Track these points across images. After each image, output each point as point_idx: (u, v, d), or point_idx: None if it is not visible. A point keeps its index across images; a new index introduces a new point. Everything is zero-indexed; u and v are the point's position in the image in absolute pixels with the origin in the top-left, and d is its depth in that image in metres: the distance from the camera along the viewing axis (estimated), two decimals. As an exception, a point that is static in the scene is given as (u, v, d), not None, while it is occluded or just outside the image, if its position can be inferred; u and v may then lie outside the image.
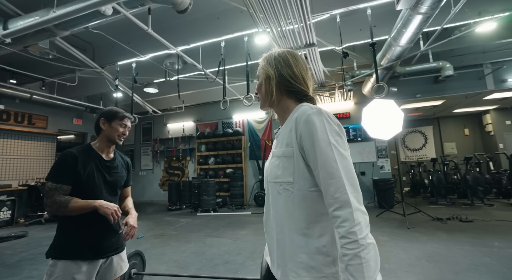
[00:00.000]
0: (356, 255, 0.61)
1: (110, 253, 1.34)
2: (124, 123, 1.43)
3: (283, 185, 0.77)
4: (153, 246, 3.86)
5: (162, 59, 5.05)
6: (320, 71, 4.74)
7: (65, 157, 1.27)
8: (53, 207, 1.18)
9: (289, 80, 0.84)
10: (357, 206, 0.64)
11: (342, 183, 0.65)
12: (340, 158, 0.68)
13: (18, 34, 3.02)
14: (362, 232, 0.62)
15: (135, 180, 9.12)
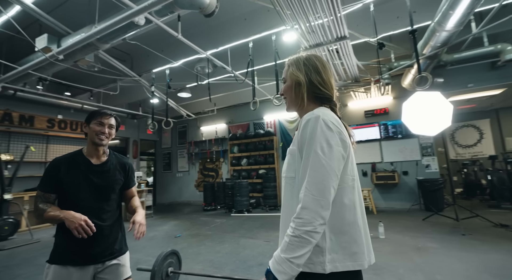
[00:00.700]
0: (288, 236, 0.74)
1: (103, 258, 1.30)
2: (100, 121, 1.34)
3: (286, 179, 0.89)
4: (189, 245, 3.99)
5: (193, 64, 5.22)
6: (353, 66, 4.47)
7: (50, 165, 1.29)
8: (36, 214, 1.23)
9: (318, 86, 0.90)
10: (309, 204, 0.73)
11: (305, 186, 0.75)
12: (316, 166, 0.76)
13: (68, 51, 3.35)
14: (301, 225, 0.72)
15: (173, 182, 9.59)
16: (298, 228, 0.71)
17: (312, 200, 0.73)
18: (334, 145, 0.77)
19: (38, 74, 4.24)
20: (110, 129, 1.37)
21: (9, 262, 3.62)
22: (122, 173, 1.45)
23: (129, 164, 1.52)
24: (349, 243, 0.79)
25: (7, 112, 5.85)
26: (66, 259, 1.22)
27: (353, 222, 0.81)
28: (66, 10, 3.78)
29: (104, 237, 1.31)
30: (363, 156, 6.57)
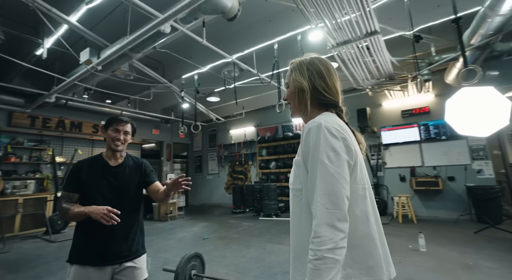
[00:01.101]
0: (310, 262, 0.67)
1: (120, 260, 1.32)
2: (115, 128, 1.40)
3: (293, 191, 0.84)
4: (216, 248, 4.02)
5: (220, 69, 5.32)
6: (386, 62, 4.14)
7: (72, 167, 1.40)
8: (60, 214, 1.28)
9: (323, 92, 0.85)
10: (325, 220, 0.67)
11: (317, 200, 0.70)
12: (326, 176, 0.71)
13: (106, 61, 3.65)
14: (321, 245, 0.65)
15: (204, 184, 9.88)
16: (319, 248, 0.65)
17: (327, 214, 0.68)
18: (341, 152, 0.73)
19: (83, 84, 4.68)
20: (126, 136, 1.42)
21: (59, 254, 4.01)
22: (138, 172, 1.49)
23: (144, 162, 1.56)
24: (364, 256, 0.74)
25: (61, 120, 6.58)
26: (85, 259, 1.27)
27: (367, 234, 0.76)
28: (105, 25, 4.11)
29: (121, 237, 1.34)
30: (400, 160, 6.06)
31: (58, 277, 3.06)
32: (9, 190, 5.46)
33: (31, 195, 5.63)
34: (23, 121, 5.98)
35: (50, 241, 4.78)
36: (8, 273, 3.28)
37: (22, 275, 3.17)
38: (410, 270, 2.85)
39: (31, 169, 6.01)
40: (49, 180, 5.98)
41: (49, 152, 5.95)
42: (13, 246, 4.55)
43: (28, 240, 4.97)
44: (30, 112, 5.91)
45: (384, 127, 6.26)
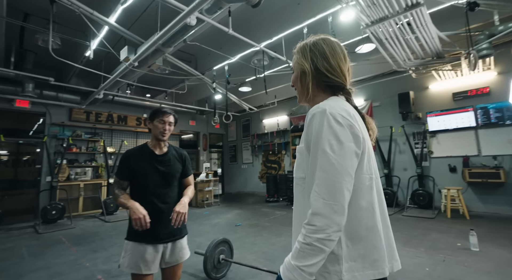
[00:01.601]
0: (298, 242, 0.66)
1: (168, 239, 1.48)
2: (162, 119, 1.52)
3: (296, 180, 0.82)
4: (247, 235, 4.15)
5: (250, 58, 5.28)
6: (432, 39, 3.65)
7: (123, 156, 1.52)
8: (113, 197, 1.47)
9: (326, 74, 0.80)
10: (320, 210, 0.65)
11: (315, 189, 0.68)
12: (326, 166, 0.67)
13: (141, 57, 3.89)
14: (312, 233, 0.64)
15: (239, 173, 10.16)
16: (310, 235, 0.64)
17: (323, 205, 0.65)
18: (345, 141, 0.68)
19: (125, 81, 5.08)
20: (170, 126, 1.55)
21: (111, 233, 4.56)
22: (180, 162, 1.64)
23: (185, 154, 1.70)
24: (368, 249, 0.71)
25: (109, 114, 7.30)
26: (142, 238, 1.42)
27: (371, 226, 0.73)
28: (140, 23, 4.36)
29: (169, 221, 1.44)
30: (450, 148, 5.42)
31: (109, 252, 3.48)
32: (72, 176, 6.33)
33: (89, 181, 6.44)
34: (80, 116, 6.78)
35: (105, 221, 5.45)
36: (73, 245, 3.85)
37: (82, 248, 3.69)
38: (456, 271, 2.58)
39: (88, 158, 6.85)
40: (103, 167, 6.75)
41: (101, 143, 6.68)
42: (78, 223, 5.30)
43: (89, 219, 5.74)
44: (85, 108, 6.67)
45: (431, 113, 5.61)
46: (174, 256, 1.50)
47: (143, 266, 1.38)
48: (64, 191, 5.63)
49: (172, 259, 1.50)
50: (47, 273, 2.86)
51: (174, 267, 1.51)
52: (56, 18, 3.90)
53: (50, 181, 5.61)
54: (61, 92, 6.08)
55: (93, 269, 2.91)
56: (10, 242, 4.10)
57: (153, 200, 1.46)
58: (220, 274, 2.57)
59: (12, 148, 7.23)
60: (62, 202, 5.52)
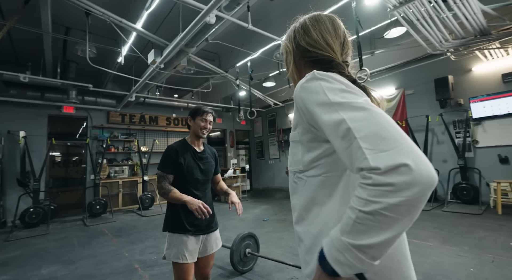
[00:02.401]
0: (352, 208, 0.46)
1: (208, 230, 1.59)
2: (204, 118, 1.60)
3: (296, 174, 0.68)
4: (274, 229, 4.15)
5: (272, 53, 5.23)
6: (475, 14, 3.27)
7: (169, 151, 1.56)
8: (160, 192, 1.50)
9: (307, 48, 0.70)
10: (385, 163, 0.42)
11: (358, 145, 0.46)
12: (353, 113, 0.49)
13: (166, 59, 4.06)
14: (383, 196, 0.42)
15: (266, 169, 10.18)
16: (379, 200, 0.42)
17: (386, 155, 0.43)
18: (357, 92, 0.55)
19: (153, 83, 5.36)
20: (210, 125, 1.64)
21: (147, 226, 4.88)
22: (213, 159, 1.74)
23: (216, 153, 1.81)
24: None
25: (142, 115, 7.76)
26: (185, 229, 1.51)
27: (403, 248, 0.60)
28: (165, 26, 4.55)
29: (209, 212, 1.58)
30: (500, 137, 4.84)
31: (145, 244, 3.74)
32: (112, 174, 6.87)
33: (126, 178, 6.95)
34: (116, 118, 7.31)
35: (141, 215, 5.84)
36: (114, 237, 4.20)
37: (122, 240, 4.00)
38: (507, 273, 2.32)
39: (125, 157, 7.38)
40: (138, 166, 7.22)
41: (135, 143, 7.15)
42: (118, 217, 5.76)
43: (127, 214, 6.20)
44: (120, 111, 7.17)
45: (475, 98, 5.05)
46: (209, 246, 1.60)
47: (188, 255, 1.47)
48: (105, 187, 6.16)
49: (207, 248, 1.59)
50: (93, 261, 3.17)
51: (207, 257, 1.61)
52: (91, 29, 4.22)
53: (94, 179, 6.16)
54: (99, 97, 6.60)
55: (131, 259, 3.15)
56: (64, 233, 4.60)
57: (196, 194, 1.55)
58: (247, 267, 2.61)
59: (63, 149, 8.08)
60: (104, 197, 6.04)
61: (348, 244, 0.45)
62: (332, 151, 0.60)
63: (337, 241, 0.47)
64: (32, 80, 4.96)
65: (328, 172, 0.61)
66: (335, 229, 0.50)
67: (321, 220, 0.61)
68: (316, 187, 0.62)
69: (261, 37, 4.33)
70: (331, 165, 0.61)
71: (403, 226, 0.42)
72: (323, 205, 0.61)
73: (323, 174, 0.61)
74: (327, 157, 0.61)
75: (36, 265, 3.11)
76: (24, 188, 5.45)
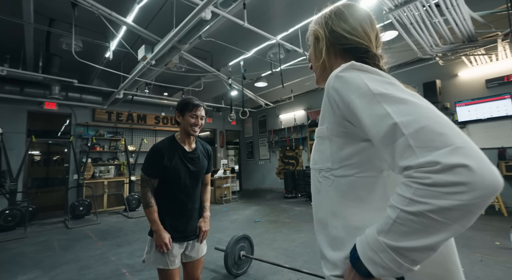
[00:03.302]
0: (393, 207, 0.42)
1: (193, 237, 1.49)
2: (194, 114, 1.40)
3: (322, 172, 0.62)
4: (266, 231, 4.10)
5: (265, 52, 5.19)
6: (464, 20, 3.36)
7: (153, 151, 1.39)
8: (142, 200, 1.40)
9: (343, 34, 0.66)
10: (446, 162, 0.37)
11: (406, 143, 0.41)
12: (399, 106, 0.44)
13: (158, 55, 3.94)
14: (427, 196, 0.38)
15: (256, 169, 10.13)
16: (428, 201, 0.38)
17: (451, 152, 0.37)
18: (398, 84, 0.50)
19: (143, 80, 5.18)
20: (202, 120, 1.45)
21: (134, 228, 4.69)
22: (206, 159, 1.57)
23: (210, 150, 1.64)
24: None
25: (129, 113, 7.51)
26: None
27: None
28: (157, 22, 4.40)
29: (196, 218, 1.50)
30: (483, 140, 5.03)
31: (133, 247, 3.58)
32: (97, 174, 6.60)
33: (112, 178, 6.69)
34: (102, 116, 7.04)
35: (128, 217, 5.63)
36: (99, 239, 4.01)
37: (108, 243, 3.82)
38: (497, 272, 2.38)
39: (111, 156, 7.11)
40: (124, 165, 6.98)
41: (122, 142, 6.90)
42: (103, 219, 5.52)
43: (113, 215, 5.96)
44: (106, 108, 6.91)
45: (460, 102, 5.23)
46: (195, 251, 1.50)
47: (170, 262, 1.37)
48: (89, 188, 5.89)
49: (193, 254, 1.49)
50: (77, 265, 2.99)
51: (195, 261, 1.51)
52: (77, 22, 4.02)
53: (77, 179, 5.88)
54: (85, 93, 6.33)
55: (118, 263, 3.00)
56: (43, 236, 4.35)
57: (182, 199, 1.43)
58: (241, 270, 2.54)
59: (43, 148, 7.68)
60: (88, 198, 5.78)
61: (385, 245, 0.42)
62: (367, 148, 0.55)
63: (372, 240, 0.44)
64: (11, 74, 4.68)
65: (362, 172, 0.56)
66: (370, 227, 0.47)
67: (351, 225, 0.56)
68: (346, 188, 0.57)
69: (255, 36, 4.29)
70: (366, 164, 0.56)
71: (452, 231, 0.38)
72: (353, 208, 0.56)
73: (356, 174, 0.56)
74: (362, 155, 0.56)
75: (13, 272, 2.90)
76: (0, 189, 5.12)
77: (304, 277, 2.42)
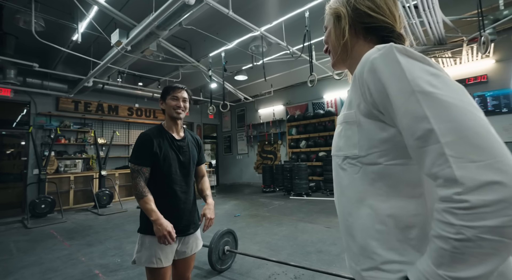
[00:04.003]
0: (440, 238, 0.39)
1: (188, 231, 1.40)
2: (175, 95, 1.37)
3: (347, 159, 0.59)
4: (247, 225, 4.08)
5: (247, 45, 5.09)
6: (437, 23, 3.57)
7: (142, 139, 1.32)
8: (134, 192, 1.28)
9: (368, 12, 0.61)
10: (475, 179, 0.36)
11: (441, 151, 0.39)
12: (440, 111, 0.40)
13: (134, 41, 3.66)
14: (477, 219, 0.36)
15: (234, 164, 10.05)
16: (471, 224, 0.36)
17: (476, 169, 0.36)
18: (445, 75, 0.45)
19: (116, 67, 4.80)
20: (184, 103, 1.41)
21: (106, 226, 4.40)
22: (196, 148, 1.52)
23: (200, 140, 1.59)
24: None
25: (99, 104, 6.98)
26: None
27: None
28: (133, 4, 4.09)
29: (189, 211, 1.41)
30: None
31: (105, 245, 3.34)
32: (62, 168, 6.06)
33: (80, 173, 6.20)
34: (68, 106, 6.45)
35: (98, 214, 5.27)
36: (66, 239, 3.69)
37: (76, 242, 3.53)
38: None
39: (78, 149, 6.57)
40: (94, 159, 6.49)
41: (91, 134, 6.40)
42: (69, 217, 5.10)
43: (80, 213, 5.54)
44: (73, 97, 6.34)
45: (430, 101, 5.62)
46: (188, 247, 1.41)
47: (163, 259, 1.28)
48: (53, 184, 5.39)
49: (186, 249, 1.40)
50: (40, 269, 2.71)
51: (187, 259, 1.42)
52: (38, -3, 3.59)
53: (38, 174, 5.34)
54: (47, 80, 5.73)
55: (90, 264, 2.78)
56: (-2, 238, 3.90)
57: (175, 190, 1.35)
58: (225, 265, 2.48)
59: (-5, 139, 6.85)
60: (52, 195, 5.29)
61: (449, 278, 0.39)
62: (398, 135, 0.51)
63: (432, 276, 0.40)
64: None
65: (392, 159, 0.52)
66: (421, 262, 0.44)
67: (379, 213, 0.53)
68: (375, 175, 0.54)
69: (237, 27, 4.17)
70: (396, 151, 0.52)
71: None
72: (382, 196, 0.53)
73: (385, 162, 0.52)
74: (392, 142, 0.52)
75: (-38, 278, 2.55)
76: None
77: (289, 269, 2.43)
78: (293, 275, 2.34)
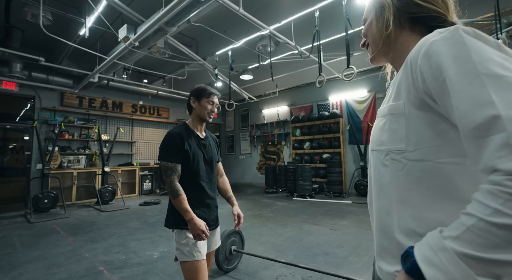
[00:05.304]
0: (469, 215, 0.37)
1: (215, 225, 1.48)
2: (211, 100, 1.44)
3: (391, 155, 0.54)
4: (251, 225, 4.04)
5: (255, 44, 5.05)
6: (451, 25, 3.52)
7: (172, 136, 1.35)
8: (169, 190, 1.29)
9: (416, 1, 0.56)
10: None
11: (507, 141, 0.34)
12: (509, 94, 0.35)
13: (142, 37, 3.63)
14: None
15: (236, 164, 10.01)
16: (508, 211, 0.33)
17: None
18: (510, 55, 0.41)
19: (122, 63, 4.78)
20: (216, 108, 1.49)
21: (108, 222, 4.37)
22: (216, 147, 1.58)
23: (217, 139, 1.65)
24: None
25: (104, 100, 6.96)
26: None
27: None
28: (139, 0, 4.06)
29: (215, 206, 1.49)
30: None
31: (109, 242, 3.31)
32: (65, 164, 6.04)
33: (83, 169, 6.17)
34: (72, 101, 6.43)
35: (101, 210, 5.24)
36: (69, 235, 3.66)
37: (79, 238, 3.50)
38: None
39: (81, 145, 6.55)
40: (97, 156, 6.47)
41: (95, 130, 6.38)
42: (72, 213, 5.08)
43: (83, 209, 5.51)
44: (78, 93, 6.32)
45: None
46: (212, 241, 1.48)
47: (203, 251, 1.33)
48: (56, 179, 5.37)
49: (211, 243, 1.47)
50: (44, 264, 2.68)
51: (209, 254, 1.47)
52: (47, -9, 3.57)
53: (42, 169, 5.31)
54: (52, 74, 5.71)
55: (94, 260, 2.74)
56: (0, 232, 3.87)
57: (203, 186, 1.41)
58: (232, 265, 2.45)
59: (-1, 133, 6.85)
60: (55, 190, 5.27)
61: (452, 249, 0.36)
62: (453, 129, 0.46)
63: (438, 243, 0.39)
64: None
65: (444, 157, 0.47)
66: (435, 231, 0.42)
67: (423, 216, 0.49)
68: (423, 174, 0.49)
69: (245, 25, 4.13)
70: (450, 148, 0.47)
71: None
72: (428, 198, 0.49)
73: (436, 159, 0.48)
74: (446, 137, 0.47)
75: (-35, 272, 2.52)
76: None
77: (297, 271, 2.39)
78: (300, 277, 2.30)
